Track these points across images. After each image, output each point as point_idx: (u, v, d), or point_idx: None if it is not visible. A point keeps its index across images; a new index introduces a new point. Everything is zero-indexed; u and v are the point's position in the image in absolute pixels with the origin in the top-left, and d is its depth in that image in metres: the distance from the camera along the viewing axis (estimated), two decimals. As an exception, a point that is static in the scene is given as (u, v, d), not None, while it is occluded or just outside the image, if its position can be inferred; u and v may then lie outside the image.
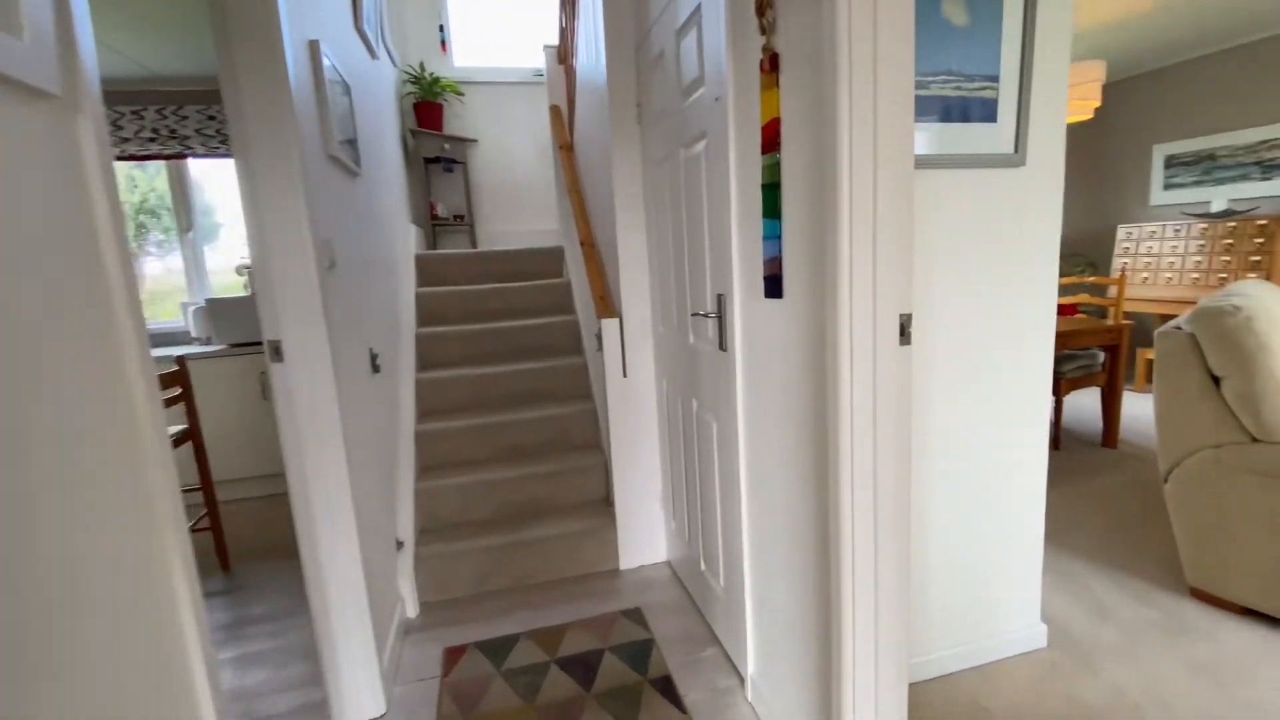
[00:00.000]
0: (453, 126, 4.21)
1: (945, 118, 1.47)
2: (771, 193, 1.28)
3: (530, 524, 2.41)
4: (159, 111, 3.47)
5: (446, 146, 3.99)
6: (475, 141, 4.28)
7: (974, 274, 1.56)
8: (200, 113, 3.51)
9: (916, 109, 1.41)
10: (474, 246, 4.23)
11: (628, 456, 2.37)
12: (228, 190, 3.80)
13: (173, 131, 3.50)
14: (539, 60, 4.34)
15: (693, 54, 1.63)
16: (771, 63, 1.22)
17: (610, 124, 2.19)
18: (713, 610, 1.94)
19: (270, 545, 2.79)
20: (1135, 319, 4.91)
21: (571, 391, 2.95)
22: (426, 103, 3.95)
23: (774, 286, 1.31)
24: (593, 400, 2.85)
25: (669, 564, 2.42)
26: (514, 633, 2.01)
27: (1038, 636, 1.77)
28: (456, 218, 4.18)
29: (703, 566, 1.99)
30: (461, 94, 4.18)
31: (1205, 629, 1.80)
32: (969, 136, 1.49)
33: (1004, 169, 1.53)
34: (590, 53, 2.53)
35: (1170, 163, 4.56)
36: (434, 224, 4.05)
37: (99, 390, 0.71)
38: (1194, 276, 4.13)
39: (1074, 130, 5.25)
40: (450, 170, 4.17)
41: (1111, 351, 3.37)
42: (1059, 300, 3.52)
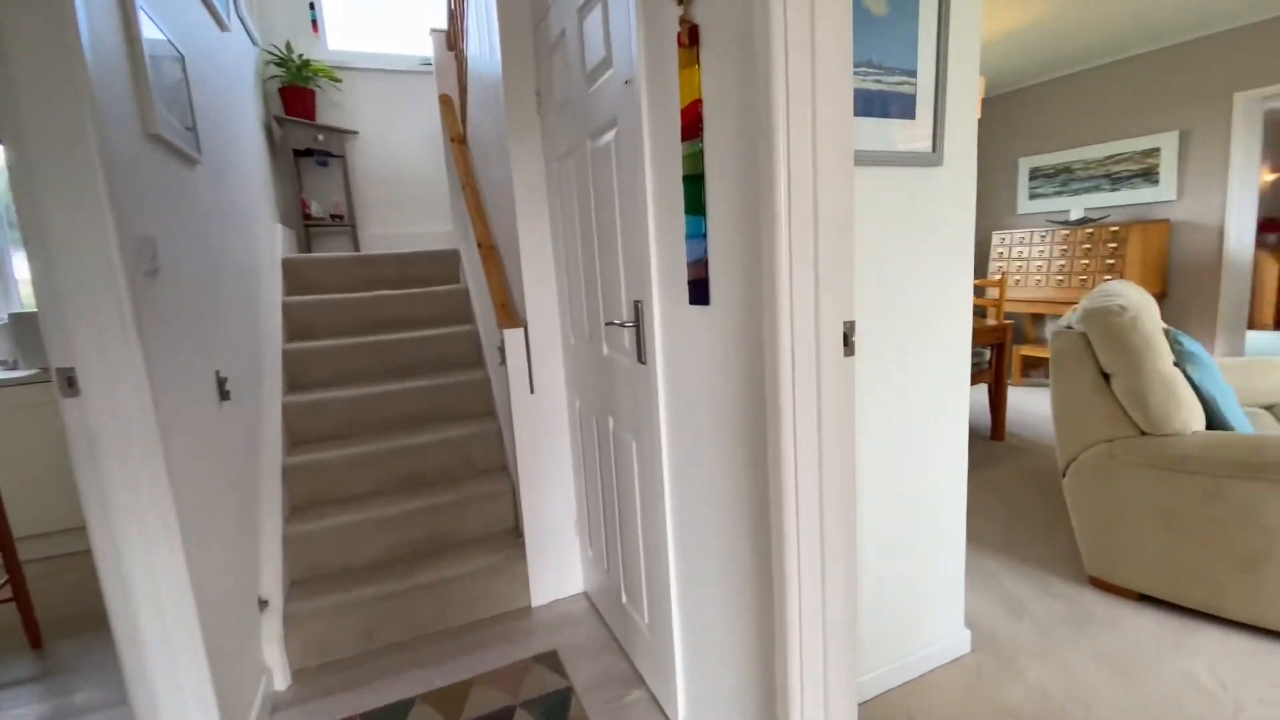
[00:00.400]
0: (328, 116, 3.77)
1: (866, 111, 1.39)
2: (694, 185, 1.12)
3: (428, 564, 2.12)
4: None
5: (320, 138, 3.56)
6: (355, 134, 3.86)
7: (895, 276, 1.50)
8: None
9: (839, 101, 1.32)
10: (356, 249, 3.81)
11: (538, 480, 2.15)
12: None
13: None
14: (427, 48, 4.00)
15: (598, 32, 1.45)
16: (691, 36, 1.06)
17: (506, 117, 1.96)
18: (636, 647, 1.76)
19: (91, 611, 2.27)
20: (1011, 318, 5.31)
21: (472, 410, 2.68)
22: (295, 88, 3.50)
23: (699, 292, 1.16)
24: (497, 419, 2.59)
25: (586, 595, 2.21)
26: (409, 696, 1.73)
27: (963, 642, 1.75)
28: (334, 217, 3.73)
29: (624, 599, 1.81)
30: (338, 80, 3.75)
31: (1108, 618, 1.87)
32: (887, 132, 1.42)
33: (924, 168, 1.48)
34: (482, 37, 2.29)
35: (1034, 175, 4.99)
36: (307, 224, 3.58)
37: None
38: (1059, 279, 4.51)
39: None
40: (325, 164, 3.73)
41: (997, 350, 3.58)
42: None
